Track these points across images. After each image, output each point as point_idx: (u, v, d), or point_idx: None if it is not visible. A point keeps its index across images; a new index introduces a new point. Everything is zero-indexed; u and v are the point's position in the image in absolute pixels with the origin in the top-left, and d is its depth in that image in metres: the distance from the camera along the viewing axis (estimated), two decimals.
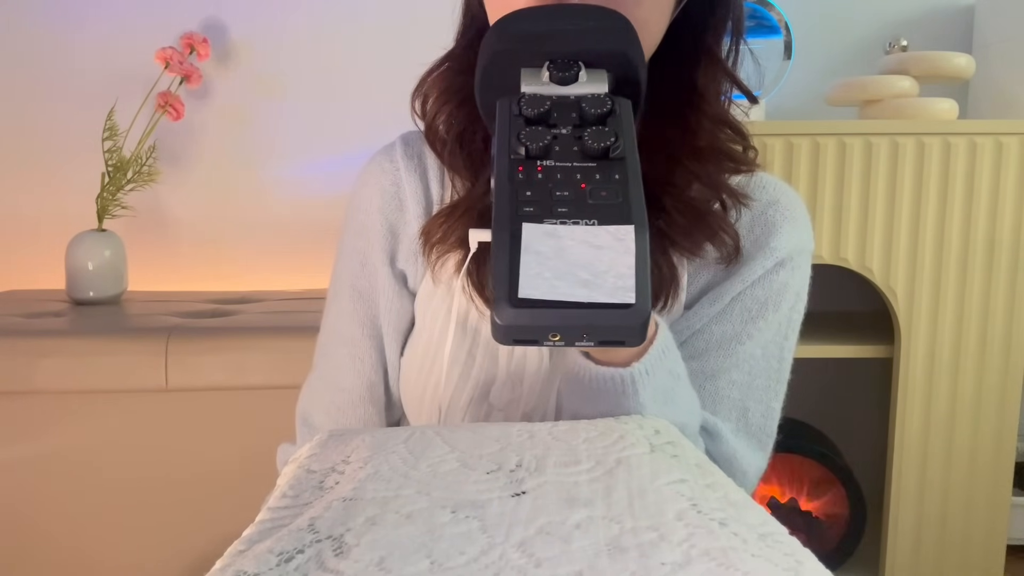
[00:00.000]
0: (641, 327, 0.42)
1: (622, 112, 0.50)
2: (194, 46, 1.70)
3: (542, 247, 0.42)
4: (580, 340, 0.43)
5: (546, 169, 0.46)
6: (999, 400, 1.43)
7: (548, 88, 0.51)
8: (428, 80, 0.72)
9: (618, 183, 0.45)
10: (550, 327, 0.42)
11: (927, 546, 1.46)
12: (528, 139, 0.47)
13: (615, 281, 0.42)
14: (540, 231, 0.43)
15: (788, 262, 0.70)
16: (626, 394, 0.58)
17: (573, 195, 0.44)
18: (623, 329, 0.42)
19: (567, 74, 0.51)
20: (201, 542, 1.33)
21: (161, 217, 1.83)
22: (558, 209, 0.44)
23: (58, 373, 1.30)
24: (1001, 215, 1.39)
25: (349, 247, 0.76)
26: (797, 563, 0.36)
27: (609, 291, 0.41)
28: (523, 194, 0.45)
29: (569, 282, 0.41)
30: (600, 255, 0.42)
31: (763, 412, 0.72)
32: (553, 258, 0.42)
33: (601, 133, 0.47)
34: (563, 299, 0.41)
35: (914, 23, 1.78)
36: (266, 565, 0.35)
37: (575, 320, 0.42)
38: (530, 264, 0.42)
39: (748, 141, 0.70)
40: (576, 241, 0.43)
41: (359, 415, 0.75)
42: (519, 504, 0.41)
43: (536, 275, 0.42)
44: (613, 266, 0.42)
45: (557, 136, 0.48)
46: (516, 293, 0.42)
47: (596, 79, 0.51)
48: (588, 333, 0.43)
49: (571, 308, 0.42)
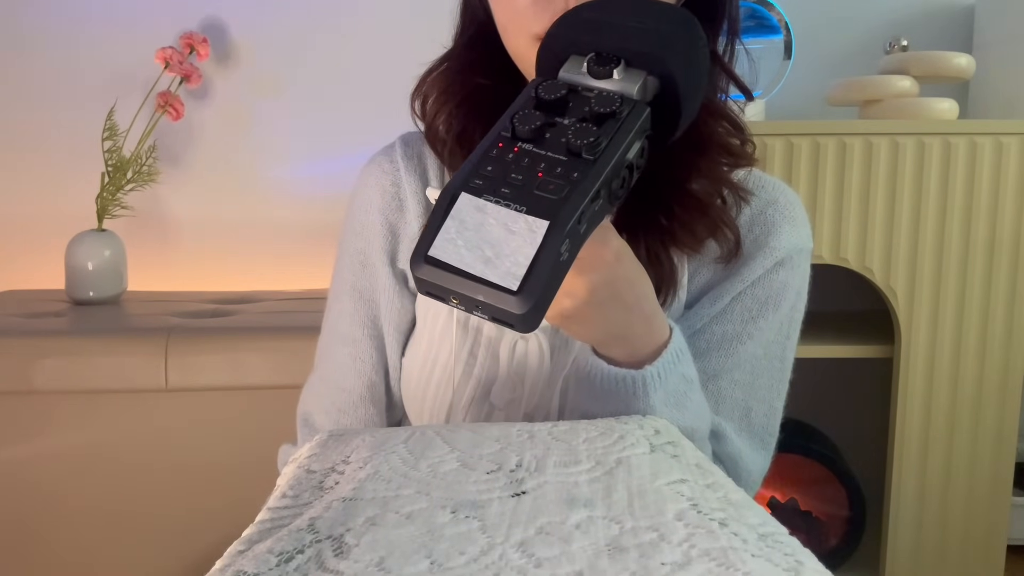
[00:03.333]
0: (523, 317, 0.44)
1: (628, 116, 0.49)
2: (194, 46, 1.70)
3: (467, 218, 0.45)
4: (475, 311, 0.46)
5: (521, 152, 0.48)
6: (999, 400, 1.43)
7: (581, 78, 0.51)
8: (427, 81, 0.72)
9: (571, 182, 0.46)
10: (451, 291, 0.45)
11: (927, 546, 1.46)
12: (519, 121, 0.48)
13: (510, 267, 0.44)
14: (472, 203, 0.46)
15: (788, 261, 0.70)
16: (636, 396, 0.58)
17: (524, 181, 0.46)
18: (507, 313, 0.45)
19: (603, 68, 0.51)
20: (201, 542, 1.33)
21: (161, 217, 1.83)
22: (502, 189, 0.46)
23: (58, 373, 1.30)
24: (1001, 215, 1.39)
25: (350, 247, 0.76)
26: (797, 563, 0.36)
27: (500, 274, 0.44)
28: (484, 167, 0.47)
29: (474, 255, 0.44)
30: (509, 239, 0.45)
31: (766, 412, 0.72)
32: (471, 230, 0.45)
33: (584, 131, 0.47)
34: (463, 268, 0.44)
35: (914, 23, 1.78)
36: (266, 565, 0.35)
37: (471, 291, 0.45)
38: (450, 229, 0.45)
39: (746, 135, 0.70)
40: (497, 221, 0.45)
41: (360, 415, 0.75)
42: (519, 504, 0.41)
43: (450, 240, 0.45)
44: (515, 253, 0.44)
45: (555, 124, 0.49)
46: (428, 251, 0.45)
47: (630, 79, 0.51)
48: (480, 307, 0.45)
49: (471, 280, 0.44)
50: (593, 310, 0.55)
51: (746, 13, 1.68)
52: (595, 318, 0.55)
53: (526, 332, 0.46)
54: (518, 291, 0.44)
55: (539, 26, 0.59)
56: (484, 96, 0.68)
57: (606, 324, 0.56)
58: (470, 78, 0.69)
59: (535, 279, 0.44)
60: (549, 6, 0.58)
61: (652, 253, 0.66)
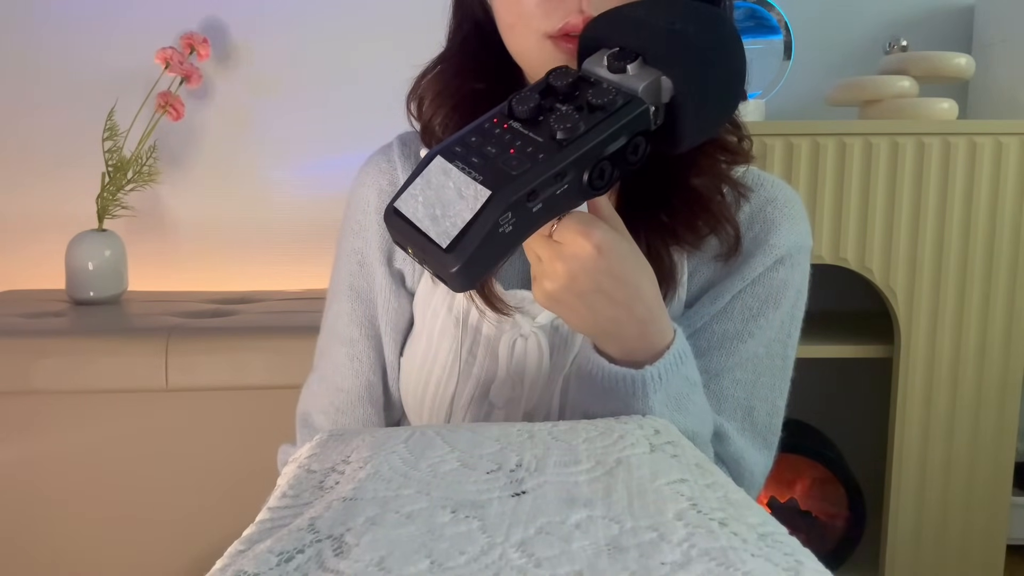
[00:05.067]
0: (454, 275, 0.47)
1: (619, 111, 0.49)
2: (194, 46, 1.70)
3: (434, 179, 0.49)
4: (424, 264, 0.50)
5: (509, 129, 0.50)
6: (999, 400, 1.43)
7: (599, 70, 0.53)
8: (423, 83, 0.72)
9: (534, 162, 0.48)
10: (408, 241, 0.49)
11: (927, 546, 1.46)
12: (518, 101, 0.51)
13: (447, 227, 0.47)
14: (442, 166, 0.49)
15: (787, 259, 0.70)
16: (636, 396, 0.58)
17: (495, 153, 0.49)
18: (442, 269, 0.48)
19: (619, 63, 0.52)
20: (201, 542, 1.33)
21: (161, 217, 1.83)
22: (472, 159, 0.49)
23: (58, 373, 1.30)
24: (1001, 215, 1.39)
25: (347, 247, 0.76)
26: (797, 563, 0.36)
27: (438, 232, 0.47)
28: (470, 137, 0.50)
29: (426, 212, 0.48)
30: (457, 203, 0.48)
31: (768, 411, 0.72)
32: (434, 190, 0.49)
33: (567, 117, 0.49)
34: (415, 223, 0.49)
35: (914, 23, 1.78)
36: (266, 565, 0.35)
37: (419, 245, 0.48)
38: (417, 186, 0.50)
39: (743, 131, 0.70)
40: (455, 186, 0.48)
41: (358, 415, 0.75)
42: (519, 504, 0.41)
43: (414, 196, 0.49)
44: (456, 215, 0.47)
45: (552, 109, 0.51)
46: (395, 203, 0.50)
47: (642, 76, 0.51)
48: (426, 261, 0.49)
49: (419, 234, 0.48)
50: (575, 298, 0.55)
51: (746, 13, 1.68)
52: (579, 307, 0.56)
53: (458, 291, 0.50)
54: (447, 249, 0.47)
55: (548, 25, 0.59)
56: (479, 99, 0.68)
57: (593, 316, 0.56)
58: (465, 82, 0.69)
59: (467, 242, 0.47)
60: (560, 5, 0.58)
61: (653, 250, 0.66)
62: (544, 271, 0.55)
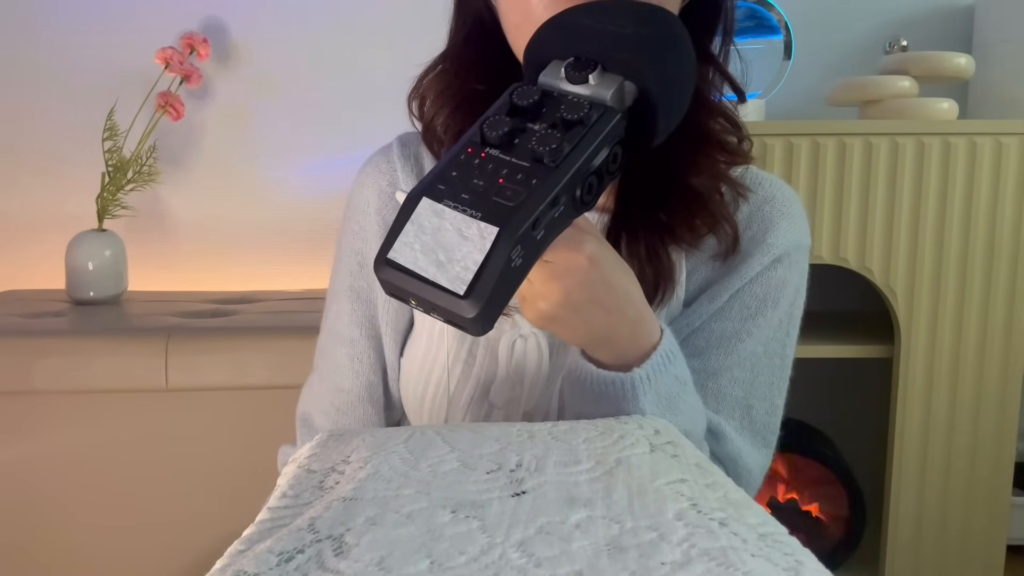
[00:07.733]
0: (472, 320, 0.45)
1: (596, 123, 0.48)
2: (194, 46, 1.70)
3: (426, 222, 0.46)
4: (432, 313, 0.47)
5: (488, 157, 0.48)
6: (999, 400, 1.43)
7: (559, 83, 0.51)
8: (424, 82, 0.71)
9: (529, 189, 0.46)
10: (409, 292, 0.47)
11: (927, 546, 1.46)
12: (489, 127, 0.48)
13: (459, 272, 0.45)
14: (432, 208, 0.46)
15: (786, 258, 0.70)
16: (626, 398, 0.58)
17: (485, 186, 0.46)
18: (458, 316, 0.46)
19: (579, 73, 0.51)
20: (201, 542, 1.33)
21: (161, 217, 1.83)
22: (462, 195, 0.46)
23: (58, 373, 1.30)
24: (1001, 215, 1.39)
25: (347, 248, 0.76)
26: (797, 563, 0.36)
27: (450, 278, 0.45)
28: (450, 173, 0.47)
29: (428, 259, 0.46)
30: (462, 244, 0.45)
31: (767, 409, 0.72)
32: (429, 234, 0.46)
33: (549, 138, 0.47)
34: (418, 272, 0.46)
35: (914, 23, 1.78)
36: (266, 565, 0.35)
37: (426, 294, 0.46)
38: (409, 233, 0.46)
39: (743, 132, 0.70)
40: (453, 226, 0.46)
41: (358, 415, 0.75)
42: (519, 504, 0.41)
43: (408, 244, 0.46)
44: (465, 257, 0.45)
45: (526, 130, 0.48)
46: (388, 253, 0.47)
47: (605, 84, 0.50)
48: (436, 310, 0.46)
49: (425, 283, 0.45)
50: (570, 313, 0.55)
51: (746, 13, 1.68)
52: (574, 321, 0.55)
53: (478, 335, 0.48)
54: (465, 295, 0.44)
55: None
56: (481, 98, 0.68)
57: (588, 327, 0.56)
58: (467, 82, 0.69)
59: (483, 284, 0.44)
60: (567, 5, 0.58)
61: (651, 250, 0.66)
62: (537, 292, 0.54)
